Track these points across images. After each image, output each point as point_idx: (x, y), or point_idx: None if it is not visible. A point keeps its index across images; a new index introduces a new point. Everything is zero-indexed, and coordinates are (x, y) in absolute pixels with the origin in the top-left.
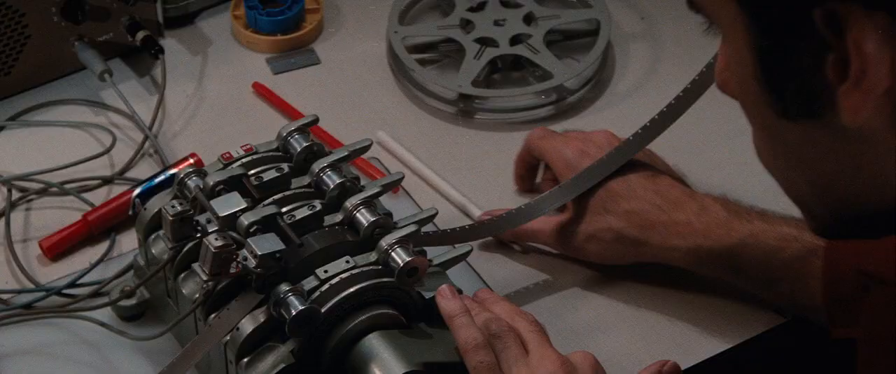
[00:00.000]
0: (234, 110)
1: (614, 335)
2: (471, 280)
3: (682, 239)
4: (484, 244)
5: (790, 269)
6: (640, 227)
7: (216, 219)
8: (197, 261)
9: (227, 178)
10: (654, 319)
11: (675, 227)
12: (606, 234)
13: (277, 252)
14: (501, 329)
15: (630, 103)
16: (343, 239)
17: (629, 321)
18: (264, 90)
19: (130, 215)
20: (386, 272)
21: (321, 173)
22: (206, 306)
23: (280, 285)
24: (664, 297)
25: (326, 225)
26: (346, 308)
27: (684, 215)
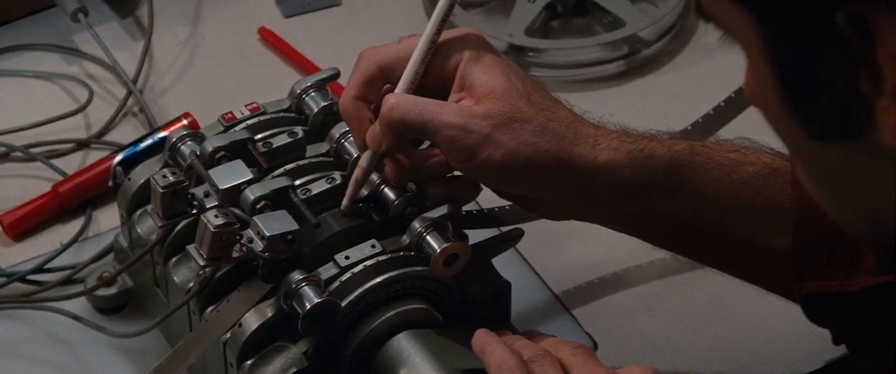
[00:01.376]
0: (237, 61)
1: (692, 343)
2: (521, 272)
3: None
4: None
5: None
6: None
7: (215, 192)
8: (192, 243)
9: (228, 143)
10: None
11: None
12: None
13: (289, 233)
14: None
15: (719, 60)
16: (368, 219)
17: (713, 327)
18: (273, 37)
19: (111, 186)
20: (419, 260)
21: (343, 140)
22: (203, 297)
23: (292, 274)
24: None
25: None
26: (370, 302)
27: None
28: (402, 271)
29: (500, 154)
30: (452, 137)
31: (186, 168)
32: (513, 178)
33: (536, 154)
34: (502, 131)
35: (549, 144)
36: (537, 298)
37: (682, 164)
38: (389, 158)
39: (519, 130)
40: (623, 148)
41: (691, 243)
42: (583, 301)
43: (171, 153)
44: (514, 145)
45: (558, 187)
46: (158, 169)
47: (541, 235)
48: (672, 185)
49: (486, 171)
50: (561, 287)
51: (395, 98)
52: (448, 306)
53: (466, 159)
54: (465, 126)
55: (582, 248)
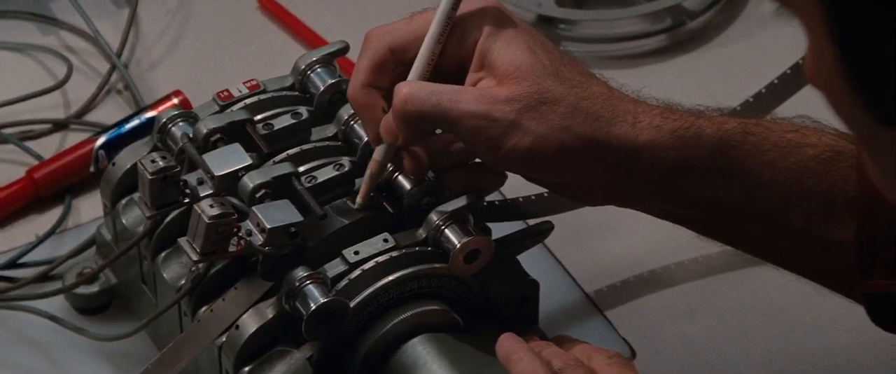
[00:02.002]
0: (234, 33)
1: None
2: (550, 270)
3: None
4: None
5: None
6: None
7: (210, 179)
8: (184, 235)
9: (225, 124)
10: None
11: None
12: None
13: (292, 226)
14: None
15: (773, 33)
16: (380, 210)
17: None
18: (274, 6)
19: (92, 172)
20: (437, 256)
21: (352, 121)
22: (195, 295)
23: (295, 271)
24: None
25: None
26: (382, 303)
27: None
28: (418, 269)
29: (528, 141)
30: (474, 127)
31: (178, 152)
32: (543, 165)
33: (569, 138)
34: (529, 116)
35: (582, 126)
36: (568, 299)
37: (734, 144)
38: (405, 151)
39: (548, 112)
40: (666, 126)
41: (742, 234)
42: (619, 303)
43: (160, 135)
44: (544, 130)
45: (594, 172)
46: (146, 153)
47: (572, 229)
48: (721, 168)
49: (513, 160)
50: (594, 287)
51: (408, 88)
52: (469, 308)
53: (491, 150)
54: (487, 114)
55: (618, 243)
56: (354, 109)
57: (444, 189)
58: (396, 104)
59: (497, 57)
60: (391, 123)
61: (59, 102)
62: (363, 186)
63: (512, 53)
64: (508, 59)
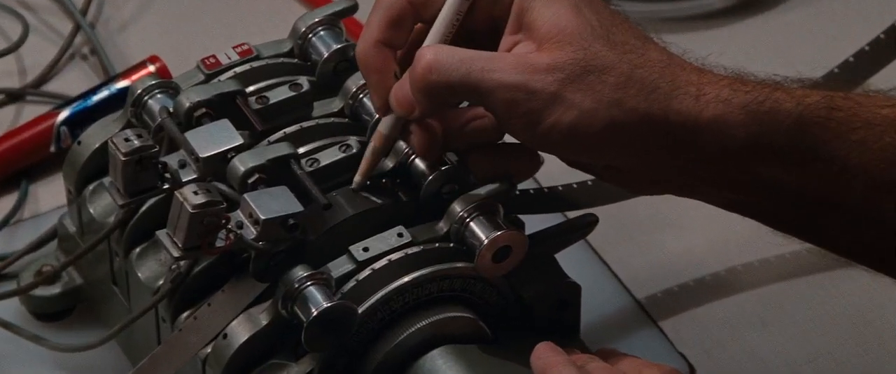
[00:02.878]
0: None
1: (823, 369)
2: (593, 271)
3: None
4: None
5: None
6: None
7: (194, 161)
8: (163, 228)
9: (211, 97)
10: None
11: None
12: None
13: (290, 217)
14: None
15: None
16: (394, 199)
17: (853, 347)
18: None
19: (53, 152)
20: (461, 254)
21: (361, 94)
22: (176, 299)
23: (294, 270)
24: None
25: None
26: (396, 309)
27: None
28: (438, 269)
29: (572, 117)
30: (509, 100)
31: (155, 130)
32: (589, 146)
33: (620, 114)
34: (574, 87)
35: (636, 100)
36: (615, 306)
37: (817, 121)
38: (417, 126)
39: (596, 83)
40: (736, 100)
41: (826, 228)
42: (675, 311)
43: (135, 109)
44: (591, 104)
45: (648, 154)
46: (118, 130)
47: (621, 223)
48: (801, 149)
49: (554, 139)
50: (646, 292)
51: (433, 53)
52: (497, 316)
53: (529, 127)
54: (526, 85)
55: (675, 240)
56: (361, 71)
57: (469, 174)
58: (418, 72)
59: (537, 17)
60: (405, 90)
61: (12, 68)
62: (363, 163)
63: (554, 13)
64: (550, 19)
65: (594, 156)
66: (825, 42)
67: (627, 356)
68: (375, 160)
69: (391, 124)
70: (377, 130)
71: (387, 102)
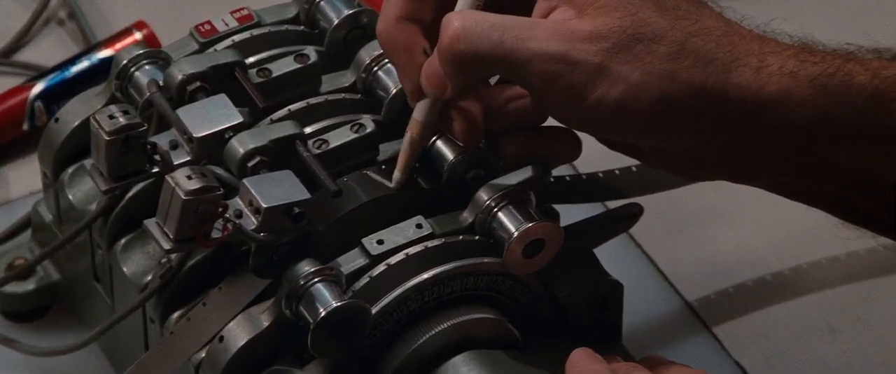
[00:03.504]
0: None
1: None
2: (637, 269)
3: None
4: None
5: None
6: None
7: (187, 142)
8: (152, 216)
9: (207, 69)
10: None
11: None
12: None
13: (296, 205)
14: None
15: None
16: (413, 186)
17: None
18: None
19: (27, 130)
20: (487, 247)
21: (376, 66)
22: (166, 297)
23: (299, 265)
24: None
25: (383, 160)
26: (414, 310)
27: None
28: (462, 264)
29: (619, 92)
30: (548, 73)
31: (143, 106)
32: (636, 124)
33: (673, 88)
34: (621, 58)
35: (691, 72)
36: (662, 308)
37: (895, 97)
38: (456, 109)
39: (645, 53)
40: (803, 72)
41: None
42: (730, 314)
43: (119, 82)
44: (640, 78)
45: (702, 134)
46: (101, 106)
47: (668, 214)
48: (877, 128)
49: (597, 117)
50: (698, 294)
51: (461, 20)
52: (529, 318)
53: (569, 104)
54: (566, 55)
55: (731, 234)
56: (385, 51)
57: (497, 158)
58: (445, 42)
59: None
60: (435, 67)
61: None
62: (401, 157)
63: None
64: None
65: (641, 136)
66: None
67: (675, 364)
68: (415, 152)
69: (428, 110)
70: (412, 117)
71: (419, 86)
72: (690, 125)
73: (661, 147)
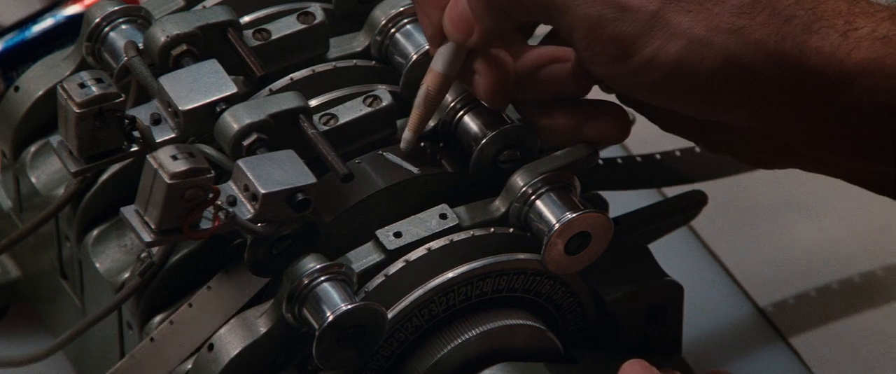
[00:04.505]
0: None
1: None
2: (701, 269)
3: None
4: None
5: None
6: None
7: (173, 116)
8: (131, 204)
9: (194, 30)
10: None
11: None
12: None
13: (299, 191)
14: None
15: None
16: (436, 169)
17: None
18: None
19: None
20: (524, 242)
21: (394, 27)
22: (147, 298)
23: (303, 261)
24: None
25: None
26: (438, 314)
27: None
28: (494, 262)
29: (676, 48)
30: (594, 18)
31: (119, 73)
32: (693, 91)
33: (741, 48)
34: (682, 6)
35: (765, 30)
36: (730, 314)
37: None
38: (483, 58)
39: (712, 3)
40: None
41: None
42: (810, 323)
43: (91, 45)
44: (703, 32)
45: (772, 107)
46: (69, 72)
47: (736, 204)
48: None
49: (646, 78)
50: (772, 298)
51: None
52: (572, 325)
53: (616, 58)
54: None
55: (810, 228)
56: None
57: (535, 137)
58: None
59: None
60: (461, 8)
61: None
62: (413, 114)
63: None
64: None
65: (698, 106)
66: None
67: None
68: (430, 109)
69: (449, 58)
70: (430, 68)
71: (440, 29)
72: (758, 96)
73: (722, 122)
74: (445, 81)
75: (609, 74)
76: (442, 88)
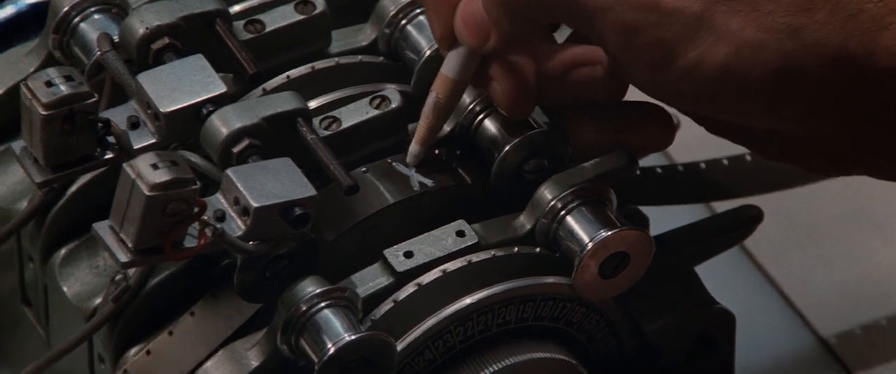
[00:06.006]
0: None
1: None
2: (755, 294)
3: None
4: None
5: None
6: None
7: (153, 119)
8: (104, 219)
9: (177, 20)
10: None
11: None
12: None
13: (297, 205)
14: None
15: None
16: (452, 181)
17: None
18: None
19: None
20: (552, 263)
21: (404, 19)
22: (121, 326)
23: (301, 285)
24: None
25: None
26: (454, 346)
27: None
28: (518, 286)
29: (724, 53)
30: (630, 24)
31: (92, 69)
32: (745, 99)
33: (799, 49)
34: (729, 6)
35: (826, 29)
36: (788, 346)
37: None
38: (499, 64)
39: (762, 3)
40: None
41: None
42: (879, 357)
43: (59, 37)
44: (754, 34)
45: (835, 114)
46: (33, 68)
47: (795, 221)
48: None
49: (691, 87)
50: (835, 327)
51: None
52: (608, 358)
53: (657, 67)
54: (655, 2)
55: (880, 248)
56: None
57: (565, 143)
58: None
59: None
60: (478, 11)
61: None
62: (421, 124)
63: None
64: None
65: (751, 115)
66: None
67: None
68: (440, 119)
69: (460, 63)
70: (440, 72)
71: (452, 30)
72: (819, 101)
73: (779, 131)
74: (458, 88)
75: (648, 83)
76: (454, 95)
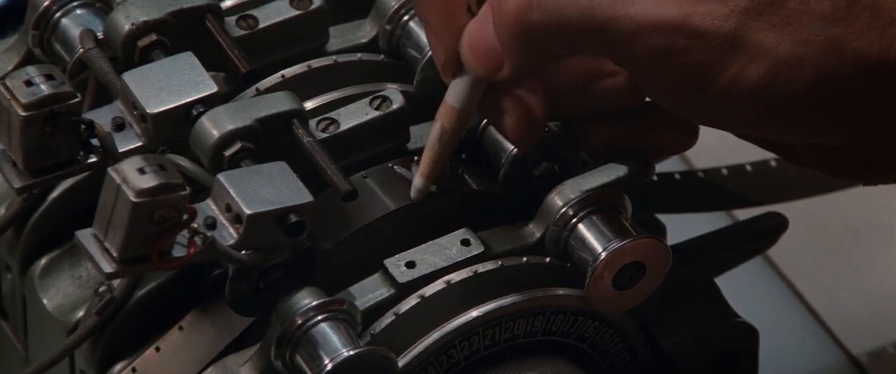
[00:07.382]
0: None
1: None
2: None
3: None
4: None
5: None
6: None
7: (139, 121)
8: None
9: (166, 16)
10: None
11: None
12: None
13: (292, 212)
14: None
15: None
16: (456, 187)
17: None
18: None
19: None
20: (563, 274)
21: (407, 14)
22: (105, 341)
23: (297, 296)
24: None
25: (415, 149)
26: (458, 362)
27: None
28: (527, 298)
29: (761, 71)
30: (660, 49)
31: (74, 67)
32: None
33: (838, 62)
34: (763, 22)
35: (866, 38)
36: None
37: None
38: (510, 95)
39: (798, 13)
40: None
41: None
42: None
43: (40, 33)
44: (791, 49)
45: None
46: (12, 67)
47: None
48: None
49: (727, 108)
50: (865, 344)
51: None
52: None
53: (692, 90)
54: (685, 23)
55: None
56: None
57: (576, 149)
58: (510, 9)
59: None
60: (486, 36)
61: None
62: (426, 155)
63: None
64: None
65: (790, 131)
66: None
67: None
68: (446, 150)
69: (467, 92)
70: (444, 101)
71: (456, 56)
72: (860, 112)
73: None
74: (463, 117)
75: (680, 107)
76: (460, 124)
